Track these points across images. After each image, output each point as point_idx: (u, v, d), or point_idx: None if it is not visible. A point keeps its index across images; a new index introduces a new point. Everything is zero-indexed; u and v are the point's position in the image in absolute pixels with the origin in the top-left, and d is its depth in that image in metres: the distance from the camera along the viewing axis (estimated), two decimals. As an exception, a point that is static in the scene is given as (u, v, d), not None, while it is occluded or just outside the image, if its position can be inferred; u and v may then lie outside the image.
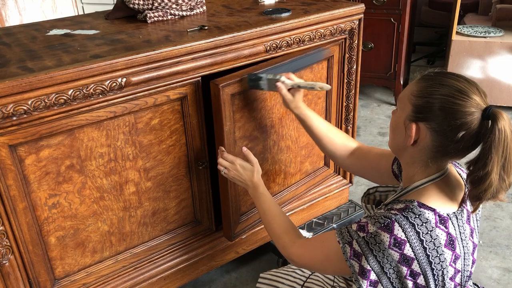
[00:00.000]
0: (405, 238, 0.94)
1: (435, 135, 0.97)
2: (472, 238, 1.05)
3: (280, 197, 1.82)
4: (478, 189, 0.94)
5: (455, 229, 0.99)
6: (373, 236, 0.97)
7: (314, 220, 2.01)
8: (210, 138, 1.57)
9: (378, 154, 1.36)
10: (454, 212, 1.01)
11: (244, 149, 1.47)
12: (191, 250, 1.67)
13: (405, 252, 0.94)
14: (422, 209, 0.98)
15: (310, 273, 1.39)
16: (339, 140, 1.42)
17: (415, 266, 0.95)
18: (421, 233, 0.95)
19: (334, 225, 1.96)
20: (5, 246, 1.26)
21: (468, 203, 1.03)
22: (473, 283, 1.21)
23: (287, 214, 1.88)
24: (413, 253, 0.94)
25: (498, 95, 3.24)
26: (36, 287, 1.37)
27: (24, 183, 1.25)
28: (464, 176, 1.09)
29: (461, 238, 1.01)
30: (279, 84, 1.39)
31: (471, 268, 1.06)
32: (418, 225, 0.95)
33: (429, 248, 0.95)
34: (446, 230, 0.97)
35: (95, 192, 1.39)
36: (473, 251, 1.06)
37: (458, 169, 1.12)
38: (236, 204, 1.62)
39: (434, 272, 0.96)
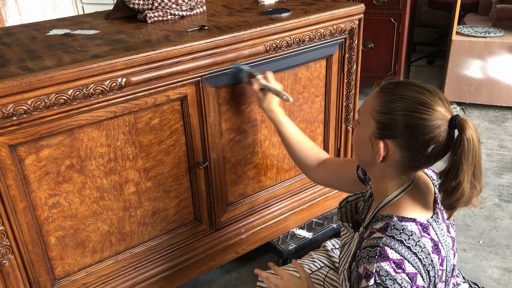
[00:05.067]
0: (401, 257, 0.93)
1: (404, 151, 0.96)
2: (450, 233, 1.06)
3: (272, 191, 1.84)
4: (451, 199, 0.94)
5: (436, 233, 0.99)
6: (379, 274, 0.92)
7: (314, 220, 2.01)
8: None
9: (343, 162, 1.37)
10: (432, 216, 1.01)
11: (294, 261, 1.32)
12: (191, 250, 1.67)
13: (407, 270, 0.93)
14: (403, 223, 0.97)
15: (310, 271, 1.39)
16: (310, 149, 1.42)
17: (419, 281, 0.94)
18: (411, 247, 0.94)
19: (334, 225, 1.96)
20: (5, 246, 1.26)
21: (439, 201, 1.03)
22: (473, 282, 1.21)
23: (285, 214, 1.89)
24: (414, 268, 0.93)
25: (498, 95, 3.24)
26: (36, 287, 1.37)
27: (24, 183, 1.25)
28: (430, 173, 1.09)
29: (443, 239, 1.01)
30: (253, 80, 1.45)
31: (454, 260, 1.07)
32: (405, 240, 0.95)
33: (423, 258, 0.95)
34: (430, 236, 0.97)
35: (95, 192, 1.39)
36: (453, 244, 1.06)
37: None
38: (222, 193, 1.66)
39: (431, 279, 0.97)
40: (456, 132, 0.93)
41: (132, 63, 1.28)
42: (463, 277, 1.20)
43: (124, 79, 1.28)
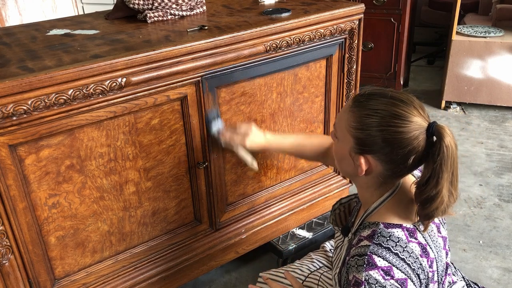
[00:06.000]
0: (389, 264, 0.93)
1: (386, 165, 0.97)
2: (440, 233, 1.05)
3: (272, 191, 1.84)
4: (430, 208, 0.94)
5: (423, 236, 0.99)
6: (368, 282, 0.93)
7: (314, 220, 2.01)
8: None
9: None
10: (419, 220, 1.00)
11: (286, 273, 1.32)
12: (191, 250, 1.67)
13: (396, 276, 0.93)
14: (390, 229, 0.97)
15: (309, 272, 1.39)
16: (316, 143, 1.42)
17: (410, 286, 0.94)
18: (399, 253, 0.95)
19: (334, 225, 1.96)
20: (5, 246, 1.26)
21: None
22: (473, 282, 1.21)
23: (285, 214, 1.89)
24: (403, 273, 0.94)
25: (498, 95, 3.24)
26: (36, 287, 1.37)
27: (24, 183, 1.25)
28: (416, 172, 1.09)
29: (431, 240, 1.01)
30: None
31: (446, 259, 1.06)
32: (393, 247, 0.95)
33: (412, 263, 0.95)
34: (417, 241, 0.98)
35: (95, 192, 1.39)
36: (444, 244, 1.06)
37: None
38: (222, 193, 1.66)
39: (422, 282, 0.97)
40: (435, 138, 0.93)
41: (132, 63, 1.28)
42: (462, 276, 1.20)
43: (124, 79, 1.28)
